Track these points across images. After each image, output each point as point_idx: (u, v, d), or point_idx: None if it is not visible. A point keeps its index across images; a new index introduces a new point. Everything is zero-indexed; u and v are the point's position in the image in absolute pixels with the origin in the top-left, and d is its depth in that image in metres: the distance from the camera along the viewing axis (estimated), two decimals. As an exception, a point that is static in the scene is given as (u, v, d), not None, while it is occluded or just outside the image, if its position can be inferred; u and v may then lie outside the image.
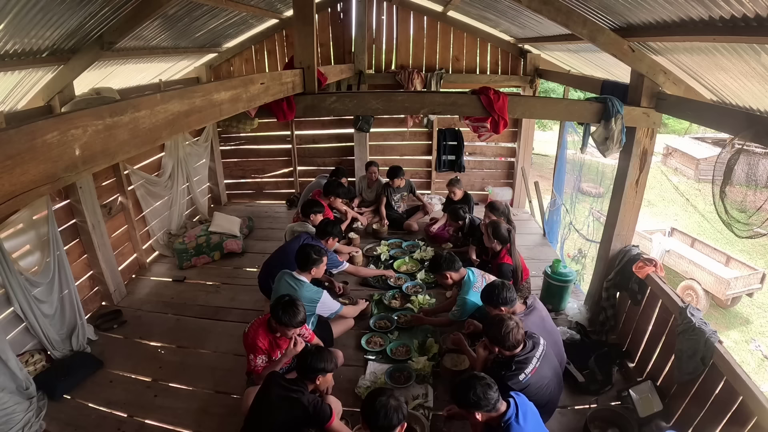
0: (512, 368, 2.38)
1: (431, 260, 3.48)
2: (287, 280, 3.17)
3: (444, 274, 3.27)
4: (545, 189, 6.31)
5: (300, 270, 3.21)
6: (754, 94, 2.31)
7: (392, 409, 1.90)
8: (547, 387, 2.46)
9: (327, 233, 3.73)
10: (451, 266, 3.27)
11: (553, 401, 2.58)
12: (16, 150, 0.95)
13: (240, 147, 6.74)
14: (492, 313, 2.80)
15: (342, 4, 5.79)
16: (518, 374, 2.36)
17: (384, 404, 1.90)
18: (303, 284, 3.13)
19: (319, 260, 3.20)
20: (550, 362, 2.56)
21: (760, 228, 2.16)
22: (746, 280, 8.95)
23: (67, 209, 3.78)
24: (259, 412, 2.27)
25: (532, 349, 2.45)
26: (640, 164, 3.20)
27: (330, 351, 2.42)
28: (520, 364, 2.39)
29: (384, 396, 1.95)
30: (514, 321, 2.43)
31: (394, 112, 4.02)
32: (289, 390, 2.26)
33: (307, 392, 2.29)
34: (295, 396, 2.23)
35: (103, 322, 3.88)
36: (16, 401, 2.79)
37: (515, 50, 5.86)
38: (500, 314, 2.52)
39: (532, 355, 2.43)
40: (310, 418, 2.21)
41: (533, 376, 2.38)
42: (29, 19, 2.44)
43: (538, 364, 2.42)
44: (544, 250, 5.32)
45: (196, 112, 1.68)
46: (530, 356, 2.42)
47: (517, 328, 2.40)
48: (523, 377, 2.36)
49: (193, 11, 3.75)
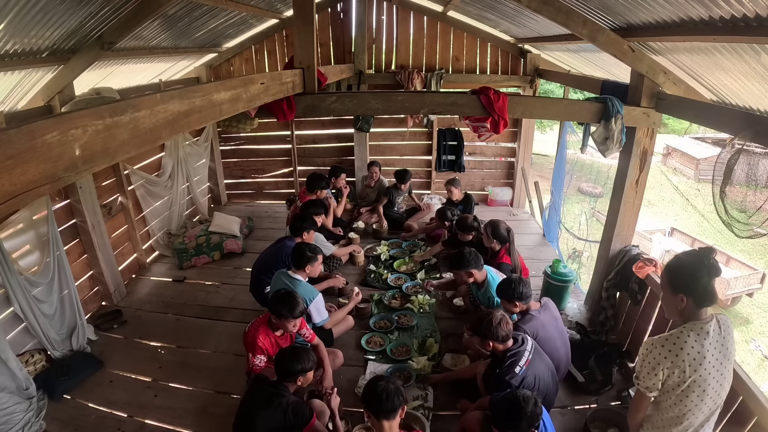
0: (506, 362, 2.40)
1: (456, 255, 3.27)
2: (283, 278, 3.17)
3: (469, 271, 3.21)
4: (545, 189, 6.31)
5: (295, 268, 3.21)
6: (754, 94, 2.31)
7: (393, 393, 1.98)
8: (543, 381, 2.49)
9: (300, 228, 3.70)
10: (477, 264, 3.22)
11: (550, 397, 2.59)
12: (16, 150, 0.95)
13: (240, 147, 6.75)
14: (506, 308, 2.82)
15: (342, 4, 5.79)
16: (513, 367, 2.38)
17: (385, 388, 1.98)
18: (299, 283, 3.14)
19: (314, 258, 3.21)
20: (542, 358, 2.58)
21: (760, 228, 2.16)
22: (746, 280, 8.97)
23: (67, 209, 3.78)
24: (242, 416, 2.26)
25: (522, 344, 2.49)
26: (640, 164, 3.20)
27: (306, 350, 2.41)
28: (513, 357, 2.42)
29: (383, 381, 2.04)
30: (500, 313, 2.47)
31: (394, 112, 4.02)
32: (270, 393, 2.26)
33: (288, 394, 2.28)
34: (274, 399, 2.23)
35: (103, 322, 3.88)
36: (16, 401, 2.79)
37: (515, 50, 5.86)
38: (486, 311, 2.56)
39: (523, 349, 2.46)
40: (289, 421, 2.20)
41: (528, 369, 2.41)
42: (29, 19, 2.44)
43: (530, 357, 2.45)
44: (544, 250, 5.32)
45: (196, 112, 1.68)
46: (521, 350, 2.45)
47: (504, 319, 2.44)
48: (518, 369, 2.38)
49: (193, 11, 3.75)
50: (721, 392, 1.82)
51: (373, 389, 2.00)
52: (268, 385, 2.32)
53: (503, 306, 2.92)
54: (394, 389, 1.99)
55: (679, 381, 1.77)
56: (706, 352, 1.74)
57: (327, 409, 2.52)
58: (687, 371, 1.75)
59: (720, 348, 1.77)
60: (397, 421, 1.99)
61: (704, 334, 1.74)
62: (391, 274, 4.54)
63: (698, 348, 1.73)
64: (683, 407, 1.81)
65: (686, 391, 1.78)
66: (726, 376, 1.82)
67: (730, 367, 1.82)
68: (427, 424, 2.70)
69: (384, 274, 4.52)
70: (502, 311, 2.54)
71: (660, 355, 1.78)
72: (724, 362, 1.78)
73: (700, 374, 1.75)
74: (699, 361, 1.73)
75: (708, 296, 1.74)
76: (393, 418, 1.97)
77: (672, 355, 1.76)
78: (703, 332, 1.75)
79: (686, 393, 1.78)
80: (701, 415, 1.84)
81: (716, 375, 1.77)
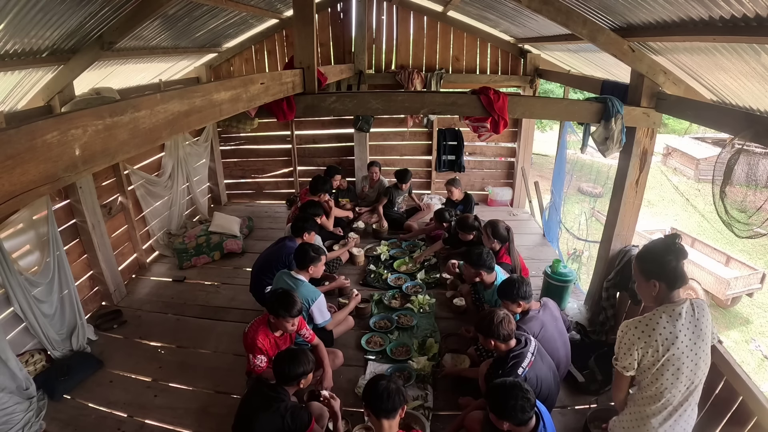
0: (509, 363, 2.40)
1: (474, 253, 3.24)
2: (285, 279, 3.17)
3: (480, 272, 3.21)
4: (545, 189, 6.31)
5: (298, 269, 3.21)
6: (754, 94, 2.31)
7: (394, 392, 1.98)
8: (545, 381, 2.48)
9: (301, 229, 3.70)
10: (491, 267, 3.22)
11: (552, 398, 2.60)
12: (16, 150, 0.95)
13: (240, 147, 6.75)
14: (508, 309, 2.83)
15: (342, 4, 5.79)
16: (516, 368, 2.38)
17: (386, 387, 1.99)
18: (301, 283, 3.14)
19: (317, 258, 3.21)
20: (544, 359, 2.59)
21: (760, 228, 2.16)
22: (746, 280, 8.97)
23: (67, 209, 3.78)
24: (240, 419, 2.26)
25: (525, 345, 2.49)
26: (640, 164, 3.19)
27: (304, 352, 2.39)
28: (516, 358, 2.42)
29: (384, 380, 2.05)
30: (503, 311, 2.48)
31: (394, 112, 4.02)
32: (269, 397, 2.25)
33: (287, 398, 2.27)
34: (273, 403, 2.22)
35: (103, 322, 3.88)
36: (16, 401, 2.79)
37: (515, 50, 5.86)
38: (489, 309, 2.57)
39: (526, 350, 2.46)
40: (288, 425, 2.19)
41: (530, 370, 2.41)
42: (29, 19, 2.44)
43: (533, 358, 2.45)
44: (544, 250, 5.32)
45: (196, 112, 1.68)
46: (524, 351, 2.45)
47: (507, 318, 2.45)
48: (521, 371, 2.38)
49: (193, 11, 3.75)
50: (697, 372, 1.91)
51: (374, 388, 2.01)
52: (268, 388, 2.31)
53: (505, 306, 2.92)
54: (395, 389, 2.00)
55: (654, 360, 1.88)
56: (678, 332, 1.84)
57: (326, 411, 2.52)
58: (660, 350, 1.86)
59: (693, 329, 1.87)
60: (396, 420, 2.00)
61: (676, 316, 1.86)
62: (391, 274, 4.54)
63: (670, 328, 1.85)
64: (659, 385, 1.91)
65: (661, 370, 1.89)
66: (701, 357, 1.90)
67: (705, 347, 1.91)
68: (427, 424, 2.70)
69: (384, 274, 4.52)
70: (506, 311, 2.55)
71: (634, 336, 1.90)
72: (698, 342, 1.88)
73: (673, 353, 1.85)
74: (671, 340, 1.84)
75: (678, 278, 1.87)
76: (393, 417, 1.98)
77: (645, 335, 1.87)
78: (675, 314, 1.86)
79: (661, 371, 1.89)
80: (678, 393, 1.92)
81: (690, 354, 1.87)
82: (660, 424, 1.94)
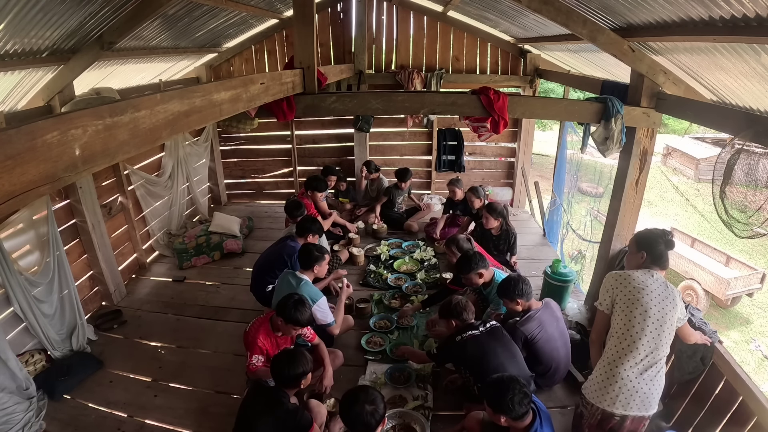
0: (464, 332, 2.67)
1: (462, 260, 3.21)
2: (289, 278, 3.17)
3: (479, 273, 3.18)
4: (545, 189, 6.31)
5: (302, 269, 3.21)
6: (754, 94, 2.31)
7: (368, 415, 1.91)
8: (494, 357, 2.57)
9: (306, 230, 3.70)
10: (484, 264, 3.20)
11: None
12: (16, 150, 0.95)
13: (240, 147, 6.75)
14: (508, 307, 2.83)
15: (342, 4, 5.79)
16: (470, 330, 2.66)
17: (358, 413, 1.91)
18: (305, 283, 3.13)
19: (321, 258, 3.21)
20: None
21: (760, 228, 2.16)
22: (746, 280, 8.95)
23: (67, 209, 3.78)
24: (241, 421, 2.25)
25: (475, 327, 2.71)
26: (640, 164, 3.19)
27: (302, 352, 2.37)
28: (467, 328, 2.66)
29: (357, 404, 1.93)
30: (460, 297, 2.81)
31: (394, 112, 4.02)
32: (269, 399, 2.24)
33: (287, 401, 2.25)
34: (273, 406, 2.21)
35: (103, 322, 3.88)
36: (16, 401, 2.79)
37: (515, 50, 5.87)
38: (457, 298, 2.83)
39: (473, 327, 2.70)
40: (288, 428, 2.18)
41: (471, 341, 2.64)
42: (29, 19, 2.44)
43: (477, 333, 2.65)
44: (544, 250, 5.32)
45: (196, 112, 1.68)
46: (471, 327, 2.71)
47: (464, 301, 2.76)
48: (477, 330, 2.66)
49: (193, 11, 3.75)
50: (662, 332, 2.13)
51: (348, 414, 1.93)
52: (268, 391, 2.31)
53: (505, 305, 2.92)
54: (369, 411, 1.91)
55: (626, 300, 2.18)
56: (648, 284, 2.17)
57: (324, 409, 2.52)
58: (632, 291, 2.18)
59: (663, 291, 2.17)
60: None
61: (649, 275, 2.21)
62: (391, 274, 4.54)
63: (641, 279, 2.19)
64: (629, 325, 2.16)
65: (630, 308, 2.16)
66: (665, 326, 2.14)
67: (672, 313, 2.15)
68: (427, 424, 2.70)
69: (384, 274, 4.52)
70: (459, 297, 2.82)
71: (614, 281, 2.27)
72: (664, 309, 2.14)
73: (642, 297, 2.14)
74: (642, 287, 2.17)
75: (662, 259, 2.26)
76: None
77: (620, 281, 2.24)
78: (648, 273, 2.22)
79: (630, 309, 2.16)
80: (646, 345, 2.12)
81: (656, 313, 2.13)
82: (628, 377, 2.13)
